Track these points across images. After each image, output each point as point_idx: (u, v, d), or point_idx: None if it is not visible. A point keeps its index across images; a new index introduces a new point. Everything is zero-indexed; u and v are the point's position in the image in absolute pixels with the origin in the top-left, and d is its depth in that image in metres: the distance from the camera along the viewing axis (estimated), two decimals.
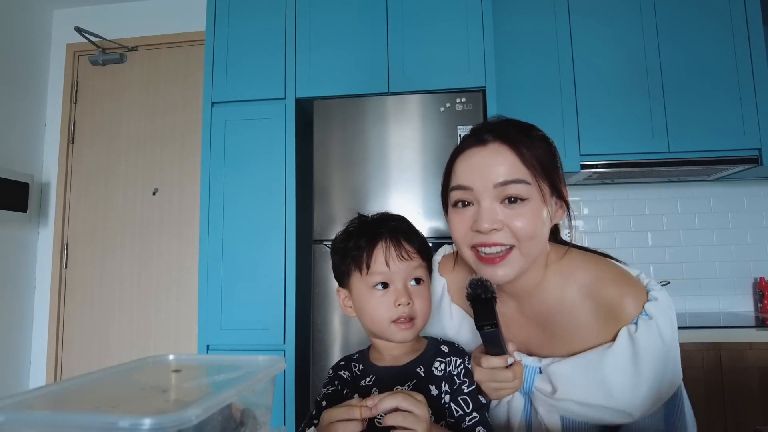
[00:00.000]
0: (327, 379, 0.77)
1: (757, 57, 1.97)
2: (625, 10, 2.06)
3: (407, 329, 0.70)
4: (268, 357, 0.53)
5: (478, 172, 0.67)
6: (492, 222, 0.65)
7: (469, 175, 0.68)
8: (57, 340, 2.36)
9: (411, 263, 0.71)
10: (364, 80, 1.83)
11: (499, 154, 0.67)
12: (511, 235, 0.66)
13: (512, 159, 0.66)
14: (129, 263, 2.38)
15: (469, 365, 0.70)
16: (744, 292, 2.19)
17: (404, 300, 0.69)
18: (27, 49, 2.41)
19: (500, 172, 0.65)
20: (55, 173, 2.46)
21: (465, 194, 0.68)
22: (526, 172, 0.66)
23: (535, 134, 0.70)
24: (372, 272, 0.70)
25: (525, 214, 0.65)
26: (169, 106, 2.44)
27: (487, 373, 0.66)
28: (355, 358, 0.78)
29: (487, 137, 0.68)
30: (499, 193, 0.66)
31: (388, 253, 0.70)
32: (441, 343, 0.74)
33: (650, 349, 0.64)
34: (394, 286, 0.70)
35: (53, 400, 0.42)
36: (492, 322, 0.63)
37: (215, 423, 0.41)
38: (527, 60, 2.06)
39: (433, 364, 0.70)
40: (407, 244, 0.72)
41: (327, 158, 1.77)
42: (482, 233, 0.66)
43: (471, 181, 0.67)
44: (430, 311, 0.74)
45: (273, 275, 1.78)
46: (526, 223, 0.65)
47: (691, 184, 2.26)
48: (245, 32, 1.92)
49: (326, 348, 1.70)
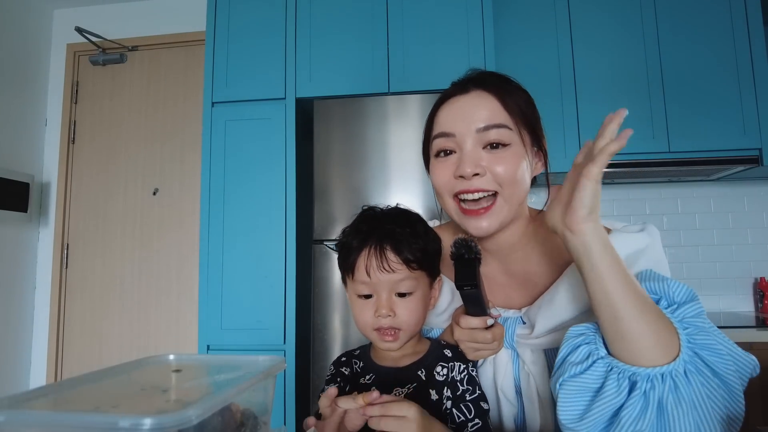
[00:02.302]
0: (329, 375, 0.76)
1: (758, 57, 1.97)
2: (625, 10, 2.06)
3: (390, 340, 0.68)
4: (269, 357, 0.53)
5: (460, 118, 0.67)
6: (475, 166, 0.65)
7: (451, 122, 0.68)
8: (57, 340, 2.36)
9: (394, 275, 0.66)
10: (364, 80, 1.83)
11: (482, 99, 0.67)
12: (493, 181, 0.66)
13: (494, 104, 0.67)
14: (129, 263, 2.38)
15: (472, 371, 0.69)
16: (744, 292, 2.19)
17: (383, 312, 0.66)
18: (27, 49, 2.41)
19: (482, 117, 0.66)
20: (55, 173, 2.46)
21: (447, 141, 0.68)
22: (507, 118, 0.66)
23: (514, 84, 0.71)
24: (356, 280, 0.68)
25: (507, 159, 0.65)
26: (170, 106, 2.44)
27: (466, 333, 0.66)
28: (357, 354, 0.77)
29: (468, 86, 0.69)
30: (481, 138, 0.66)
31: (369, 263, 0.66)
32: (444, 346, 0.72)
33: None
34: (377, 295, 0.67)
35: (53, 400, 0.42)
36: (472, 282, 0.61)
37: (215, 423, 0.41)
38: (527, 59, 2.07)
39: (435, 368, 0.69)
40: (394, 253, 0.66)
41: (327, 158, 1.77)
42: (465, 179, 0.65)
43: (453, 127, 0.67)
44: (420, 321, 0.70)
45: (273, 275, 1.78)
46: (508, 168, 0.65)
47: (691, 184, 2.26)
48: (245, 32, 1.92)
49: (326, 348, 1.70)
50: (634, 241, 0.66)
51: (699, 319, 0.56)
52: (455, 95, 0.70)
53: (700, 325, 0.56)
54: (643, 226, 0.69)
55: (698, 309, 0.57)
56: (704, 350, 0.54)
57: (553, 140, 0.75)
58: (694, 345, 0.54)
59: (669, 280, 0.60)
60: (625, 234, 0.67)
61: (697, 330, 0.55)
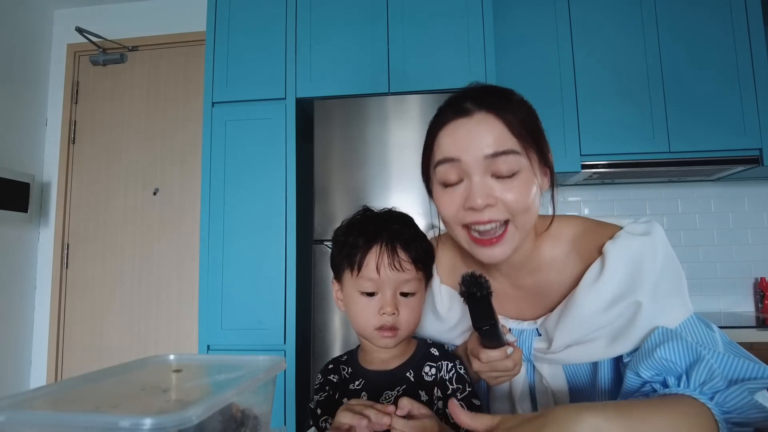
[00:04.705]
0: (317, 384, 0.76)
1: (758, 56, 1.97)
2: (625, 10, 2.06)
3: (389, 338, 0.68)
4: (269, 357, 0.53)
5: (465, 145, 0.64)
6: (486, 197, 0.62)
7: (455, 148, 0.65)
8: (57, 340, 2.36)
9: (402, 275, 0.67)
10: (364, 80, 1.83)
11: (486, 124, 0.64)
12: (504, 210, 0.63)
13: (500, 128, 0.63)
14: (129, 263, 2.38)
15: (460, 369, 0.69)
16: (744, 292, 2.19)
17: (389, 310, 0.67)
18: (28, 50, 2.41)
19: (489, 142, 0.63)
20: (55, 173, 2.46)
21: (453, 167, 0.65)
22: (514, 141, 0.63)
23: (516, 98, 0.67)
24: (362, 276, 0.68)
25: (517, 187, 0.63)
26: (170, 106, 2.44)
27: (487, 366, 0.65)
28: (344, 360, 0.77)
29: (469, 106, 0.65)
30: (489, 165, 0.63)
31: (381, 260, 0.67)
32: (430, 345, 0.73)
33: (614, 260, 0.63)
34: (382, 293, 0.68)
35: (53, 400, 0.42)
36: (490, 321, 0.60)
37: (216, 423, 0.41)
38: (528, 59, 2.06)
39: (423, 368, 0.69)
40: (404, 252, 0.68)
41: (327, 158, 1.77)
42: (476, 210, 0.63)
43: (458, 153, 0.64)
44: (417, 322, 0.71)
45: (273, 275, 1.78)
46: (519, 196, 0.63)
47: (691, 184, 2.26)
48: (246, 32, 1.92)
49: (326, 348, 1.70)
50: (638, 246, 0.64)
51: (713, 367, 0.57)
52: (457, 118, 0.66)
53: (718, 381, 0.56)
54: (647, 226, 0.67)
55: (707, 366, 0.57)
56: (736, 410, 0.55)
57: (554, 141, 0.74)
58: (728, 415, 0.55)
59: (667, 344, 0.60)
60: (629, 239, 0.65)
61: (722, 395, 0.56)
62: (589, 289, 0.64)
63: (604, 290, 0.64)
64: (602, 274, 0.64)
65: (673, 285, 0.64)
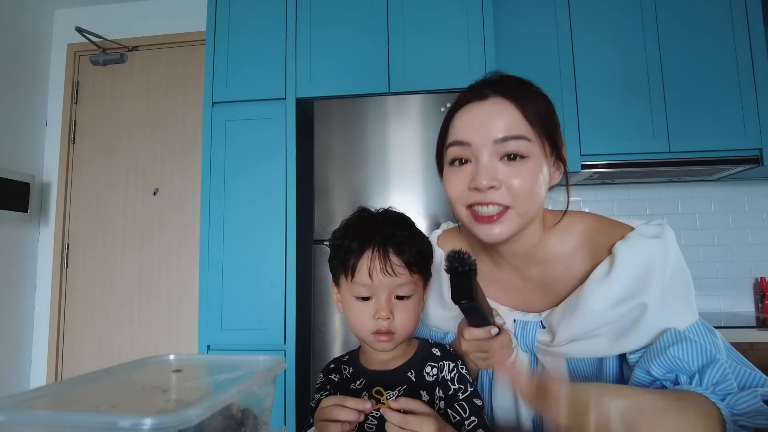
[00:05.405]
0: (319, 383, 0.76)
1: (758, 57, 1.97)
2: (625, 11, 2.06)
3: (385, 341, 0.68)
4: (269, 357, 0.53)
5: (477, 127, 0.64)
6: (491, 179, 0.62)
7: (467, 130, 0.65)
8: (57, 340, 2.36)
9: (395, 279, 0.66)
10: (364, 80, 1.83)
11: (500, 108, 0.64)
12: (507, 195, 0.63)
13: (513, 113, 0.64)
14: (129, 263, 2.38)
15: (462, 369, 0.69)
16: (744, 292, 2.19)
17: (383, 314, 0.66)
18: (28, 49, 2.41)
19: (500, 127, 0.63)
20: (55, 173, 2.46)
21: (463, 150, 0.66)
22: (527, 128, 0.63)
23: (535, 89, 0.68)
24: (356, 282, 0.68)
25: (524, 173, 0.63)
26: (170, 106, 2.44)
27: (473, 345, 0.66)
28: (345, 360, 0.77)
29: (486, 91, 0.66)
30: (499, 149, 0.63)
31: (372, 265, 0.66)
32: (432, 345, 0.73)
33: (624, 261, 0.64)
34: (376, 297, 0.67)
35: (53, 400, 0.42)
36: (469, 296, 0.59)
37: (216, 423, 0.41)
38: (528, 59, 2.06)
39: (425, 368, 0.69)
40: (396, 256, 0.67)
41: (327, 158, 1.77)
42: (479, 191, 0.63)
43: (469, 136, 0.65)
44: (414, 324, 0.71)
45: (273, 275, 1.78)
46: (524, 182, 0.63)
47: (691, 184, 2.26)
48: (246, 32, 1.92)
49: (327, 348, 1.70)
50: (648, 248, 0.65)
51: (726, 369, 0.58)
52: (472, 101, 0.66)
53: (730, 383, 0.57)
54: (659, 229, 0.68)
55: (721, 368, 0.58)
56: (745, 414, 0.55)
57: None
58: (737, 417, 0.56)
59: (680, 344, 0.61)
60: (640, 240, 0.65)
61: (733, 397, 0.56)
62: (597, 287, 0.65)
63: (611, 289, 0.64)
64: (611, 272, 0.64)
65: (682, 291, 0.65)
